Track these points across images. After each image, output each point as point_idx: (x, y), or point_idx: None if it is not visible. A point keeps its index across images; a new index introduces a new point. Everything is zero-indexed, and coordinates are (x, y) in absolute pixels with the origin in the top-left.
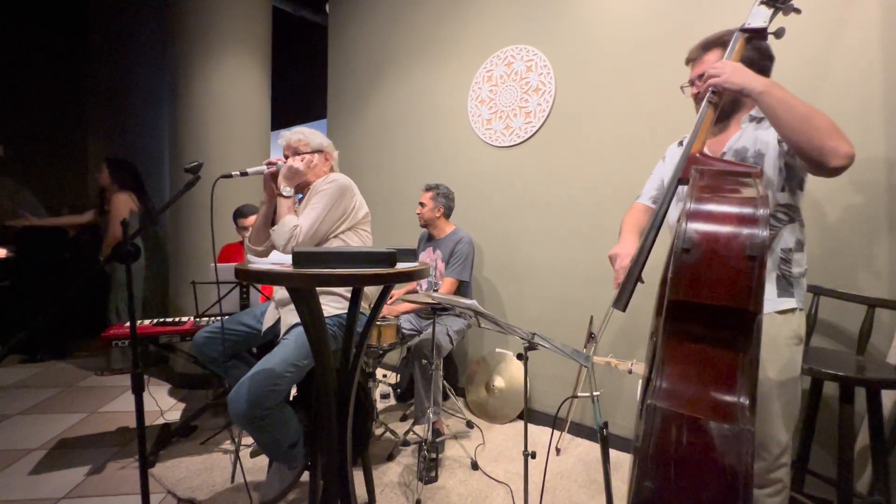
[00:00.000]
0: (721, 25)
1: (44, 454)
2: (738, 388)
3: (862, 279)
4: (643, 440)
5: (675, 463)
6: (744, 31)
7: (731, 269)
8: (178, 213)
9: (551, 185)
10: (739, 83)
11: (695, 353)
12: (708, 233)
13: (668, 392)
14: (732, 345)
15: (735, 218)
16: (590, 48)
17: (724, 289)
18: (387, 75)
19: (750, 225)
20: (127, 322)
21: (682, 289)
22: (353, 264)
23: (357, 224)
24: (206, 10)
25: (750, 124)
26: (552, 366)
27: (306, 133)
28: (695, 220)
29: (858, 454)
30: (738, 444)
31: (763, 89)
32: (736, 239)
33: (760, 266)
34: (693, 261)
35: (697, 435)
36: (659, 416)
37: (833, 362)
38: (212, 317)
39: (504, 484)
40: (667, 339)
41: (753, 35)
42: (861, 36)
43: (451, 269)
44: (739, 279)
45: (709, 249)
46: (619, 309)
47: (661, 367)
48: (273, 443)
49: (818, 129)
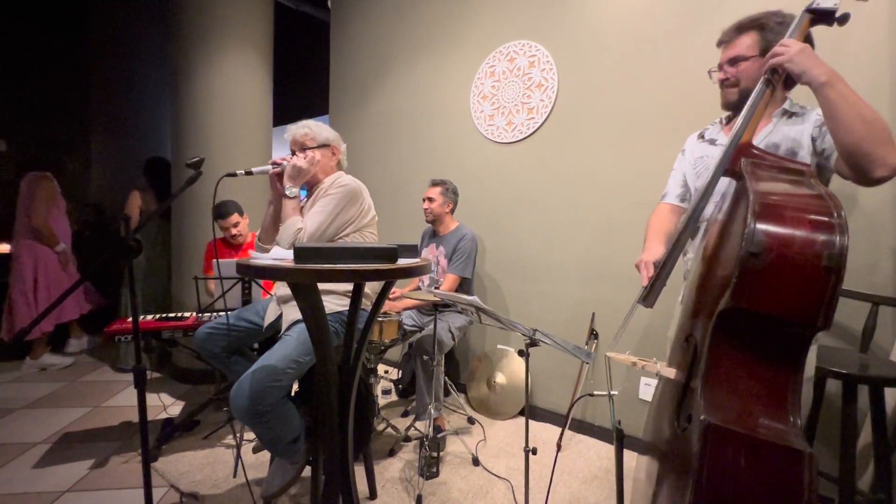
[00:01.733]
0: (726, 20)
1: (47, 448)
2: (790, 407)
3: (865, 277)
4: (697, 458)
5: (733, 485)
6: (811, 10)
7: (805, 278)
8: (181, 208)
9: (554, 182)
10: (802, 66)
11: (747, 366)
12: (781, 236)
13: (718, 406)
14: (789, 360)
15: (810, 222)
16: (593, 44)
17: (795, 300)
18: (389, 71)
19: (827, 231)
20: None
21: (745, 296)
22: (354, 260)
23: (363, 227)
24: (208, 6)
25: (781, 119)
26: (554, 362)
27: (312, 127)
28: (764, 220)
29: (861, 452)
30: (800, 468)
31: (826, 79)
32: (812, 246)
33: (837, 279)
34: (761, 266)
35: (756, 456)
36: (713, 433)
37: (836, 360)
38: (214, 312)
39: (505, 480)
40: (715, 346)
41: (820, 17)
42: (867, 36)
43: (453, 265)
44: (813, 291)
45: (781, 255)
46: (647, 306)
47: (707, 378)
48: (275, 438)
49: (875, 135)
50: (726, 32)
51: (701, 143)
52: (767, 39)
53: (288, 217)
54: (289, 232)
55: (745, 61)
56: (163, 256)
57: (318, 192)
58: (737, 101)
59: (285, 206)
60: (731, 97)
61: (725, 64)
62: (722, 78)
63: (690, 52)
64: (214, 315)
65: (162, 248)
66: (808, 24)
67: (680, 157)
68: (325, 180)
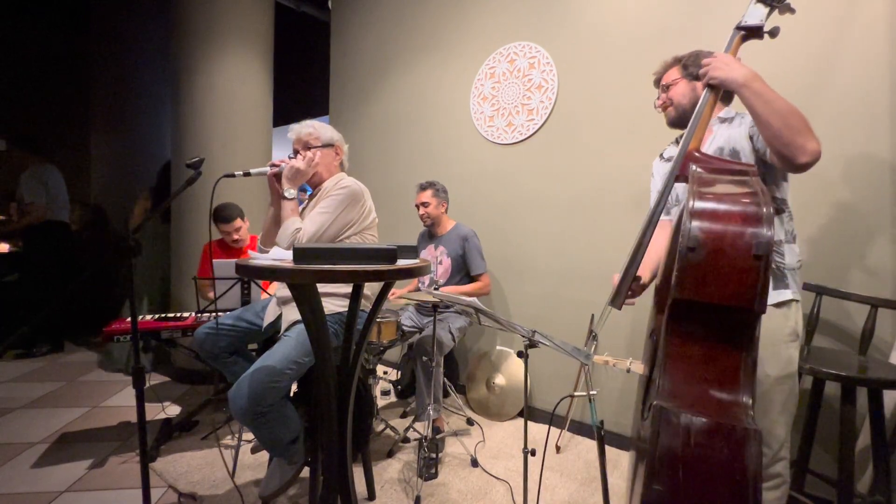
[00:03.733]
0: (723, 22)
1: (46, 448)
2: (741, 388)
3: (864, 279)
4: (650, 441)
5: (684, 464)
6: (740, 28)
7: (737, 268)
8: (180, 208)
9: (553, 183)
10: (721, 75)
11: (698, 353)
12: (713, 231)
13: (673, 392)
14: (736, 344)
15: (740, 217)
16: (593, 45)
17: (731, 288)
18: (389, 71)
19: (755, 224)
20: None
21: (687, 288)
22: (354, 261)
23: (364, 229)
24: (209, 6)
25: (721, 125)
26: (553, 363)
27: (317, 126)
28: (699, 218)
29: (859, 454)
30: (746, 444)
31: (743, 80)
32: (742, 238)
33: (766, 266)
34: (699, 260)
35: (706, 436)
36: (665, 417)
37: (835, 362)
38: (213, 312)
39: (504, 481)
40: (669, 337)
41: (749, 33)
42: (866, 34)
43: (476, 265)
44: (746, 278)
45: (714, 248)
46: (615, 307)
47: (665, 367)
48: (273, 439)
49: (790, 126)
50: (656, 72)
51: (662, 163)
52: (687, 66)
53: (287, 219)
54: (287, 233)
55: (673, 85)
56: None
57: (320, 194)
58: (675, 117)
59: (284, 207)
60: (671, 115)
61: (660, 91)
62: (660, 103)
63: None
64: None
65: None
66: (739, 40)
67: (652, 181)
68: (327, 181)
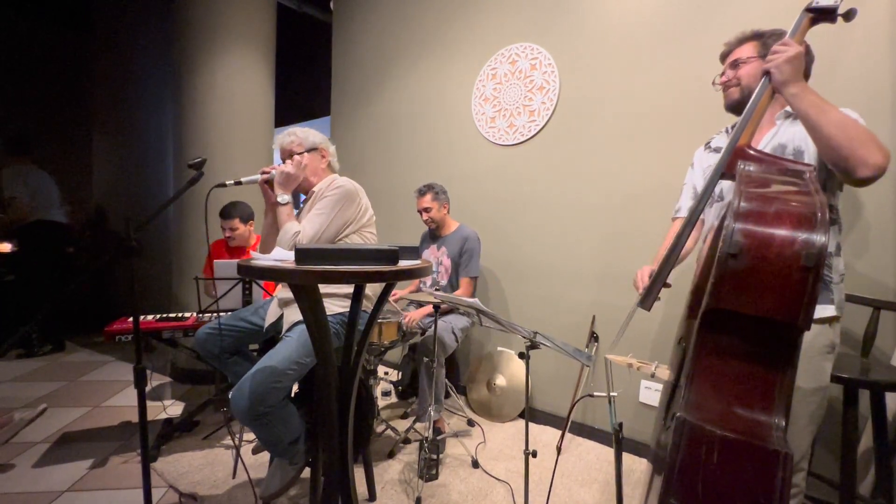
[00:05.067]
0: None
1: (47, 448)
2: (775, 408)
3: (867, 281)
4: (670, 453)
5: (704, 482)
6: (810, 10)
7: (782, 278)
8: (181, 208)
9: (555, 184)
10: (783, 78)
11: (731, 366)
12: (759, 236)
13: (700, 405)
14: (773, 361)
15: (791, 221)
16: (594, 46)
17: (773, 300)
18: (391, 73)
19: (807, 230)
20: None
21: (723, 296)
22: (356, 261)
23: (362, 227)
24: (211, 6)
25: (786, 121)
26: (554, 365)
27: (298, 133)
28: (744, 221)
29: (861, 457)
30: (776, 468)
31: (797, 91)
32: (791, 246)
33: (815, 278)
34: (740, 267)
35: (732, 453)
36: (688, 429)
37: (837, 364)
38: (214, 313)
39: (504, 482)
40: (700, 347)
41: (820, 15)
42: (868, 33)
43: (465, 268)
44: (791, 290)
45: (758, 256)
46: (644, 308)
47: (692, 378)
48: (275, 439)
49: (850, 137)
50: (728, 44)
51: (708, 153)
52: (767, 45)
53: (283, 223)
54: (287, 236)
55: (745, 63)
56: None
57: (313, 196)
58: (738, 99)
59: (280, 213)
60: (733, 96)
61: (727, 67)
62: (724, 80)
63: (692, 55)
64: (215, 315)
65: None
66: (808, 23)
67: (690, 171)
68: (319, 184)
